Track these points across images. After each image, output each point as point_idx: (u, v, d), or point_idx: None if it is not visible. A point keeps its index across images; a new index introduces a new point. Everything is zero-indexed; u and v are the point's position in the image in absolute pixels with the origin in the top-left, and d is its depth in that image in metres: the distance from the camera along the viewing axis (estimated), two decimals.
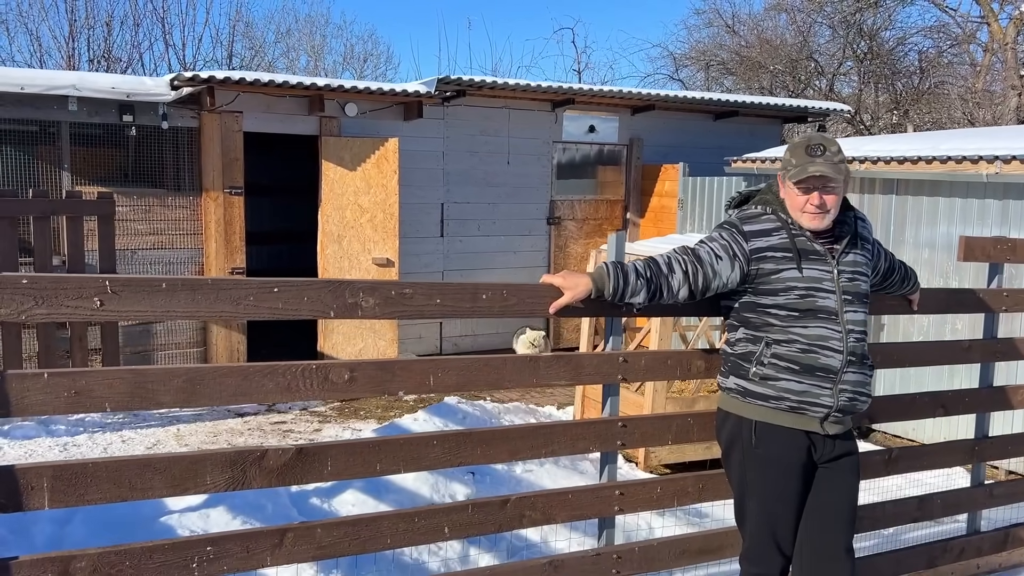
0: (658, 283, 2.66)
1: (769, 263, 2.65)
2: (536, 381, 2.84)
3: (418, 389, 2.62)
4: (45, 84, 6.96)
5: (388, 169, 8.27)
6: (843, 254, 2.68)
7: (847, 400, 2.64)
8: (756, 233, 2.69)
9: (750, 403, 2.70)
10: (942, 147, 6.68)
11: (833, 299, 2.61)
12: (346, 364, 2.50)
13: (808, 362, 2.61)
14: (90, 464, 2.20)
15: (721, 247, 2.69)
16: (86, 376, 2.17)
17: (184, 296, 2.24)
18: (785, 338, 2.63)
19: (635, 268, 2.64)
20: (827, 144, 2.61)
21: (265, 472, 2.41)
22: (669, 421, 3.11)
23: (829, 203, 2.60)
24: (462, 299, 2.64)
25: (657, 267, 2.68)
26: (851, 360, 2.63)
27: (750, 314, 2.72)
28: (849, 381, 2.64)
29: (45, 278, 2.09)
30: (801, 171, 2.58)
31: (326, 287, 2.43)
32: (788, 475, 2.68)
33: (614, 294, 2.61)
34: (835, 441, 2.70)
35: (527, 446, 2.82)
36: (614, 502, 2.99)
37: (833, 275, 2.63)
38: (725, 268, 2.67)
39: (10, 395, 2.09)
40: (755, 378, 2.68)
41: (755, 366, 2.67)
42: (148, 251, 7.69)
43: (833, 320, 2.61)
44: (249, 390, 2.36)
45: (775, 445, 2.67)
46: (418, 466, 2.67)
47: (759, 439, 2.69)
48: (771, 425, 2.67)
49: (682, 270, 2.68)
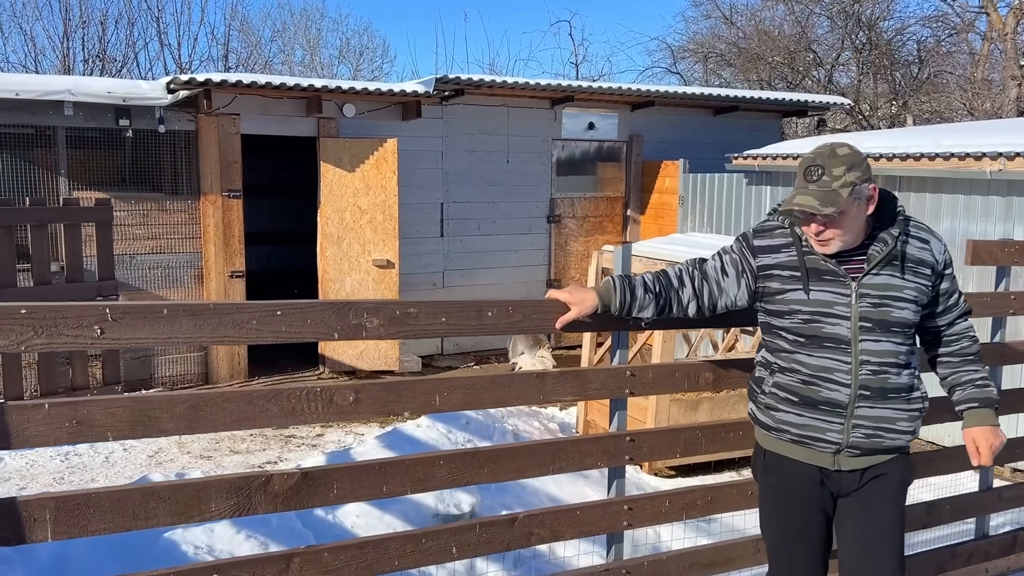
0: (667, 297, 2.55)
1: (775, 282, 2.44)
2: (542, 398, 2.80)
3: (424, 409, 2.59)
4: (40, 89, 6.90)
5: (387, 170, 8.23)
6: (871, 275, 2.34)
7: (863, 437, 2.37)
8: (764, 249, 2.48)
9: (759, 430, 2.60)
10: (944, 143, 6.64)
11: (845, 326, 2.33)
12: (351, 386, 2.46)
13: (808, 394, 2.40)
14: (93, 495, 2.16)
15: (730, 261, 2.53)
16: (88, 405, 2.13)
17: (186, 322, 2.20)
18: (788, 366, 2.44)
19: (643, 282, 2.54)
20: (829, 164, 2.27)
21: (271, 497, 2.37)
22: (677, 434, 3.08)
23: (829, 234, 2.31)
24: (467, 317, 2.60)
25: (667, 281, 2.56)
26: (864, 395, 2.34)
27: (766, 335, 2.55)
28: (865, 417, 2.36)
29: (44, 308, 2.06)
30: (788, 201, 2.33)
31: (329, 308, 2.39)
32: (801, 507, 2.49)
33: (621, 309, 2.53)
34: (858, 472, 2.44)
35: (534, 464, 2.79)
36: (623, 517, 2.96)
37: (850, 299, 2.34)
38: (731, 285, 2.51)
39: (10, 427, 2.05)
40: (761, 406, 2.54)
41: (760, 393, 2.54)
42: (147, 256, 7.65)
43: (842, 350, 2.34)
44: (253, 415, 2.32)
45: (784, 475, 2.51)
46: (425, 487, 2.64)
47: (768, 468, 2.56)
48: (780, 455, 2.51)
49: (692, 285, 2.55)
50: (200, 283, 7.91)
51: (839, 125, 19.08)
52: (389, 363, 8.38)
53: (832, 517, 2.50)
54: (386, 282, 8.35)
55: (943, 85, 19.13)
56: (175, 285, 7.79)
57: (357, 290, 8.29)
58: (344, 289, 8.26)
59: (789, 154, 7.74)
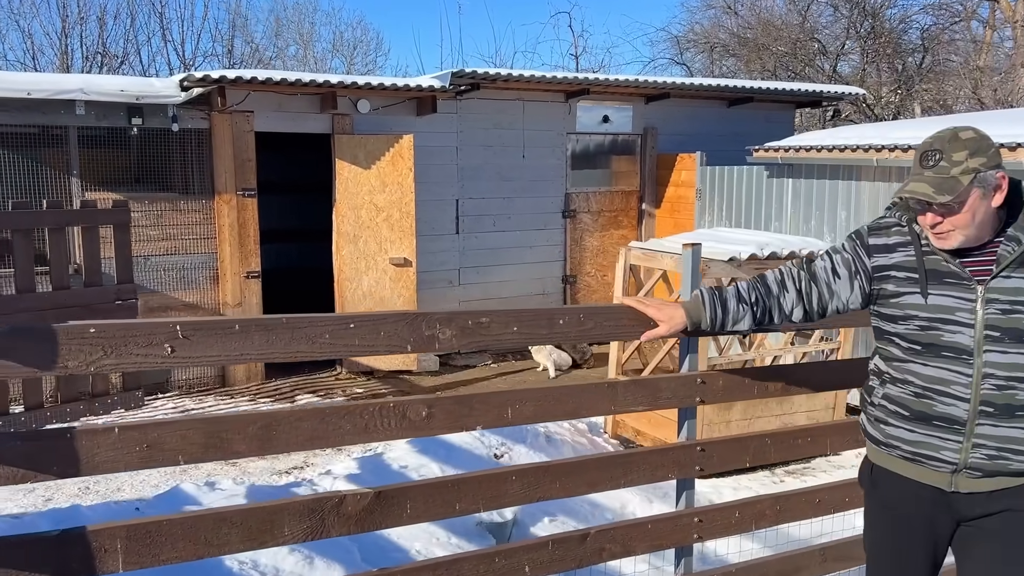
0: (767, 306, 2.39)
1: (890, 284, 2.22)
2: (614, 408, 2.72)
3: (496, 422, 2.48)
4: (52, 89, 6.76)
5: (403, 166, 8.10)
6: (1001, 278, 2.09)
7: (985, 458, 2.12)
8: (880, 248, 2.25)
9: (868, 443, 2.39)
10: (991, 133, 6.52)
11: (967, 334, 2.09)
12: (423, 401, 2.36)
13: (920, 408, 2.18)
14: (164, 522, 2.06)
15: (842, 261, 2.32)
16: (159, 429, 2.02)
17: (259, 337, 2.09)
18: (901, 376, 2.22)
19: (736, 293, 2.41)
20: (949, 149, 2.05)
21: (343, 519, 2.27)
22: (746, 443, 2.98)
23: (948, 224, 2.08)
24: (538, 325, 2.50)
25: (765, 288, 2.40)
26: (987, 411, 2.09)
27: (879, 340, 2.32)
28: (989, 436, 2.10)
29: (114, 326, 1.94)
30: (902, 188, 2.12)
31: (402, 320, 2.29)
32: (909, 528, 2.27)
33: (712, 325, 2.41)
34: (981, 496, 2.17)
35: (606, 478, 2.69)
36: (693, 530, 2.87)
37: (974, 305, 2.09)
38: (843, 288, 2.32)
39: (80, 453, 1.94)
40: (870, 417, 2.34)
41: (869, 404, 2.34)
42: (161, 257, 7.51)
43: (962, 361, 2.10)
44: (326, 433, 2.22)
45: (892, 492, 2.29)
46: (498, 504, 2.54)
47: (875, 482, 2.35)
48: (889, 471, 2.30)
49: (796, 289, 2.38)
50: (216, 284, 7.78)
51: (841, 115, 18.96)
52: (407, 363, 8.27)
53: (946, 541, 2.27)
54: (403, 281, 8.23)
55: (951, 72, 19.01)
56: (190, 287, 7.66)
57: (374, 289, 8.17)
58: (361, 288, 8.14)
59: (813, 146, 7.63)
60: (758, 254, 5.67)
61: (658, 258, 5.98)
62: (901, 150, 6.79)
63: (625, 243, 10.16)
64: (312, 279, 10.81)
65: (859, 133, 7.63)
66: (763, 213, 8.43)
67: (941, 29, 19.50)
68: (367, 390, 7.72)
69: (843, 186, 7.50)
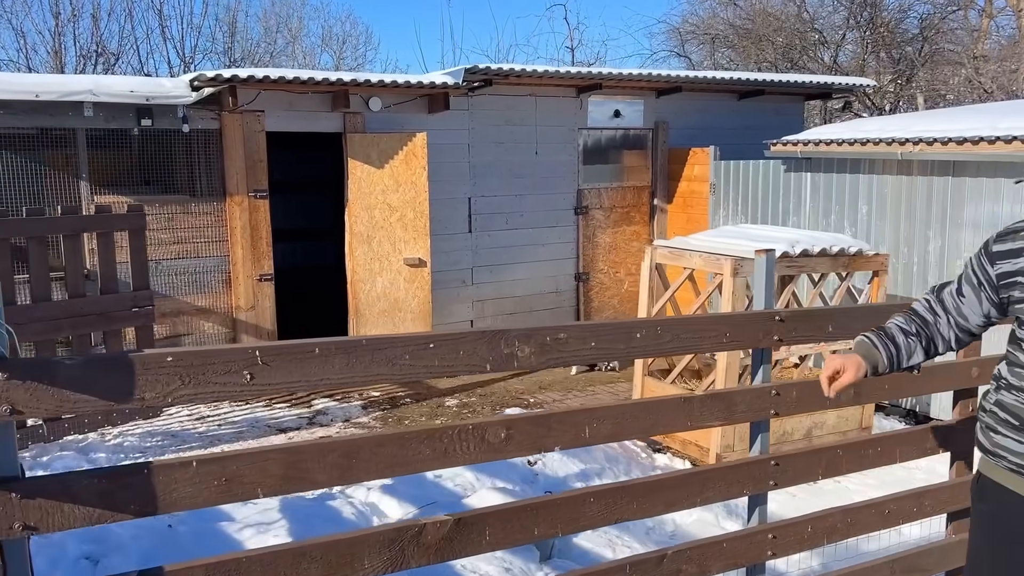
0: (929, 335, 2.34)
1: (1017, 290, 2.12)
2: (690, 424, 2.61)
3: (574, 443, 2.38)
4: (61, 90, 6.60)
5: (417, 165, 7.97)
6: None
7: None
8: (1005, 254, 2.14)
9: (977, 451, 2.34)
10: (1001, 125, 6.44)
11: None
12: (501, 422, 2.25)
13: None
14: (244, 558, 1.94)
15: (964, 279, 2.27)
16: (236, 461, 1.91)
17: (339, 361, 1.97)
18: (1018, 384, 2.13)
19: (899, 327, 2.35)
20: None
21: (423, 549, 2.16)
22: (819, 455, 2.88)
23: None
24: (616, 340, 2.40)
25: (920, 318, 2.36)
26: None
27: (1010, 344, 2.22)
28: None
29: (191, 354, 1.82)
30: None
31: (480, 339, 2.18)
32: (1014, 544, 2.18)
33: (890, 364, 2.33)
34: None
35: (682, 496, 2.59)
36: (767, 547, 2.77)
37: None
38: (971, 306, 2.25)
39: (157, 489, 1.83)
40: (982, 424, 2.27)
41: (981, 410, 2.28)
42: (172, 261, 7.37)
43: None
44: (407, 459, 2.11)
45: (999, 506, 2.21)
46: (576, 527, 2.44)
47: (981, 492, 2.28)
48: (997, 483, 2.23)
49: (944, 312, 2.33)
50: (228, 288, 7.64)
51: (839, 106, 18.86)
52: None
53: None
54: (418, 281, 8.11)
55: (952, 60, 18.93)
56: (202, 291, 7.52)
57: (388, 290, 8.04)
58: (375, 290, 8.01)
59: (833, 139, 7.53)
60: (790, 252, 5.57)
61: (686, 257, 5.88)
62: (926, 143, 6.70)
63: (637, 240, 10.07)
64: (318, 278, 10.69)
65: (880, 126, 7.53)
66: (780, 208, 8.33)
67: (940, 18, 19.42)
68: (383, 392, 7.60)
69: (864, 180, 7.41)
